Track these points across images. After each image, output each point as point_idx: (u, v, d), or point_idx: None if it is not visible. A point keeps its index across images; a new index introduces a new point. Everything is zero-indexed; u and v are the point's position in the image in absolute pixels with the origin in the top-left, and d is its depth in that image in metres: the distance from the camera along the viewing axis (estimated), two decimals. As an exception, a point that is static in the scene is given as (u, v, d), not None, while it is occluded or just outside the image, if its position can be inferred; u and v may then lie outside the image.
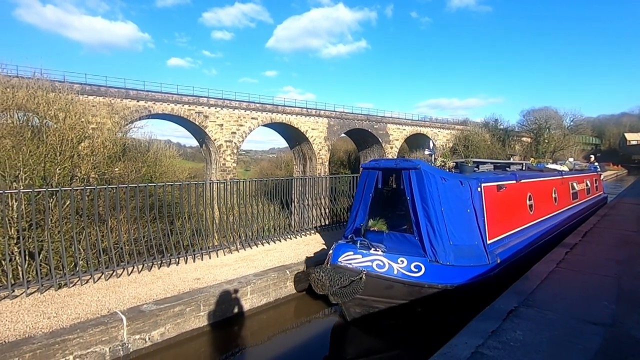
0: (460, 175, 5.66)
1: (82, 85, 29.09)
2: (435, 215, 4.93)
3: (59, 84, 18.16)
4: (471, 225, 5.33)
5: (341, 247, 4.79)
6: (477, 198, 5.46)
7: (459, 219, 5.21)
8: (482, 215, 5.48)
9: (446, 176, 5.30)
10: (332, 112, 46.62)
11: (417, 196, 4.99)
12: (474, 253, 5.23)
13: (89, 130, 15.88)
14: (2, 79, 14.17)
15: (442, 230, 4.94)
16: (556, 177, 9.19)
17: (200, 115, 37.27)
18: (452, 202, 5.16)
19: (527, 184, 7.26)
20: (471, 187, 5.42)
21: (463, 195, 5.35)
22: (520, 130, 59.29)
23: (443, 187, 5.10)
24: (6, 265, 5.29)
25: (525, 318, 3.43)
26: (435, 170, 5.22)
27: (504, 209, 6.25)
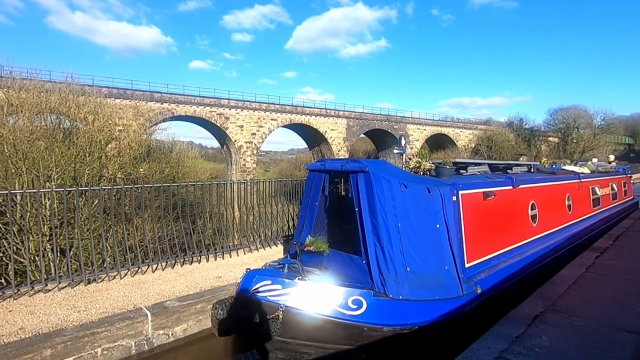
0: (430, 181, 4.39)
1: (110, 89, 30.31)
2: (386, 232, 3.82)
3: (89, 88, 18.95)
4: (440, 245, 4.12)
5: (256, 274, 3.78)
6: (451, 209, 4.22)
7: (423, 238, 4.05)
8: (457, 231, 4.27)
9: (408, 182, 4.09)
10: (351, 112, 46.52)
11: (365, 207, 3.93)
12: (442, 282, 4.03)
13: (116, 132, 16.49)
14: (37, 84, 14.89)
15: (394, 252, 3.83)
16: (571, 180, 7.66)
17: (221, 117, 38.00)
18: (413, 216, 4.01)
19: (529, 190, 5.93)
20: (443, 195, 4.17)
21: (431, 206, 4.13)
22: (547, 130, 57.25)
23: (402, 196, 3.95)
24: (40, 261, 5.57)
25: (552, 324, 3.31)
26: (392, 174, 4.07)
27: (493, 222, 4.99)
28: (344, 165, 4.24)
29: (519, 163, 7.44)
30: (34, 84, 14.79)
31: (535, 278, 5.21)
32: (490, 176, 5.61)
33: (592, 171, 9.73)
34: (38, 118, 13.37)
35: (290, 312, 3.55)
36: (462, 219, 4.36)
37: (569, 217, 7.17)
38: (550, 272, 5.15)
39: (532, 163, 7.77)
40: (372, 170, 3.95)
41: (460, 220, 4.36)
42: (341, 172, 4.37)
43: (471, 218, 4.51)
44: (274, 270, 3.97)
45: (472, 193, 4.65)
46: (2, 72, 17.54)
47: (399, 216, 3.91)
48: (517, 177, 5.79)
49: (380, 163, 4.29)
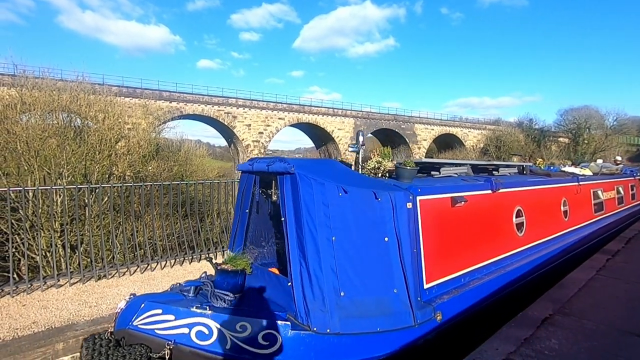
0: (381, 184, 3.64)
1: (120, 88, 30.68)
2: (313, 247, 3.07)
3: (99, 87, 19.20)
4: (388, 263, 3.35)
5: (143, 300, 3.14)
6: (405, 218, 3.45)
7: (366, 254, 3.28)
8: (412, 244, 3.48)
9: (350, 185, 3.30)
10: (358, 112, 46.44)
11: (290, 217, 3.18)
12: (388, 309, 3.27)
13: (125, 131, 16.70)
14: (49, 83, 15.14)
15: (323, 273, 3.06)
16: (568, 183, 6.83)
17: (229, 116, 38.21)
18: (354, 227, 3.26)
19: (514, 195, 5.14)
20: (394, 201, 3.40)
21: (378, 214, 3.36)
22: (557, 131, 56.48)
23: (339, 203, 3.19)
24: (51, 257, 5.67)
25: (561, 327, 3.28)
26: (328, 176, 3.30)
27: (464, 232, 4.18)
28: (270, 165, 3.44)
29: (508, 164, 6.65)
30: (46, 82, 15.03)
31: (521, 296, 4.57)
32: (467, 178, 4.77)
33: (595, 173, 8.86)
34: (50, 116, 13.59)
35: (181, 350, 2.90)
36: (420, 230, 3.58)
37: (565, 224, 6.34)
38: (540, 288, 4.53)
39: (524, 164, 6.99)
40: (299, 170, 3.17)
41: (418, 232, 3.56)
42: (269, 173, 3.58)
43: (433, 228, 3.74)
44: (174, 294, 3.31)
45: (436, 199, 3.87)
46: (16, 71, 17.87)
47: (334, 227, 3.13)
48: (498, 179, 4.96)
49: (314, 162, 3.61)
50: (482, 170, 5.91)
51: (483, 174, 5.58)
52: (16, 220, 8.30)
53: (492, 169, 5.96)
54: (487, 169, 5.98)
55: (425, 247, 3.62)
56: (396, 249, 3.38)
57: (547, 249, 5.51)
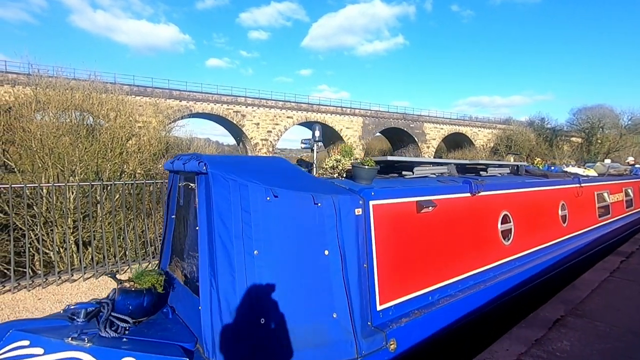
0: (325, 186, 3.04)
1: (131, 87, 31.10)
2: (226, 263, 2.51)
3: (111, 86, 19.51)
4: (326, 282, 2.77)
5: (9, 328, 2.55)
6: (352, 227, 2.91)
7: (298, 271, 2.70)
8: (361, 258, 2.93)
9: (282, 188, 2.71)
10: (367, 110, 46.30)
11: (203, 226, 2.65)
12: (324, 338, 2.70)
13: (136, 129, 16.93)
14: (62, 82, 15.41)
15: (237, 294, 2.48)
16: (568, 185, 6.20)
17: (237, 115, 38.44)
18: (284, 238, 2.69)
19: (500, 198, 4.58)
20: (339, 207, 2.85)
21: (317, 223, 2.80)
22: (569, 130, 55.55)
23: (266, 210, 2.63)
24: (65, 252, 5.79)
25: (573, 328, 3.24)
26: (253, 176, 2.70)
27: (433, 242, 3.60)
28: (186, 164, 2.90)
29: (501, 163, 6.06)
30: (59, 81, 15.32)
31: (506, 314, 4.10)
32: (444, 179, 4.24)
33: (601, 174, 8.15)
34: (63, 115, 13.86)
35: None
36: (372, 241, 3.05)
37: (563, 230, 5.75)
38: (532, 303, 4.13)
39: (519, 163, 6.41)
40: (214, 169, 2.59)
41: (370, 243, 3.04)
42: (189, 173, 3.01)
43: (391, 238, 3.21)
44: (57, 320, 2.74)
45: (395, 203, 3.31)
46: (31, 70, 18.24)
47: (257, 239, 2.56)
48: (479, 181, 4.32)
49: (239, 160, 3.09)
50: (469, 171, 5.35)
51: (471, 175, 5.02)
52: (31, 216, 8.49)
53: (481, 169, 5.33)
54: (476, 169, 5.39)
55: (379, 261, 3.05)
56: (338, 264, 2.79)
57: (540, 259, 4.93)
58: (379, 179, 3.78)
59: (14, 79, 24.31)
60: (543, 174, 6.18)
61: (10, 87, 22.42)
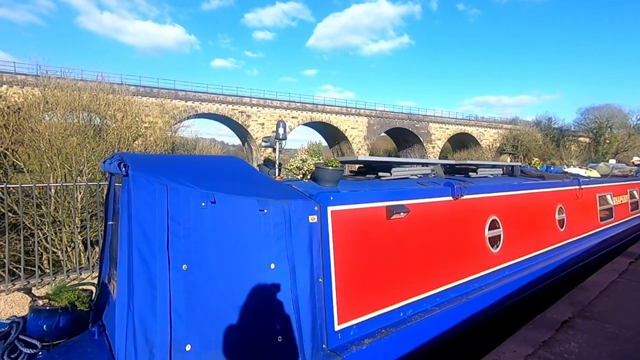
0: (275, 189, 2.73)
1: (137, 87, 31.36)
2: (146, 282, 2.14)
3: (117, 86, 19.68)
4: (271, 301, 2.45)
5: None
6: (303, 237, 2.59)
7: (235, 289, 2.35)
8: (314, 272, 2.61)
9: (221, 192, 2.37)
10: (372, 110, 46.22)
11: (123, 236, 2.23)
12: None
13: (142, 129, 17.08)
14: (70, 83, 15.59)
15: (157, 318, 2.12)
16: (566, 187, 5.80)
17: (243, 115, 38.60)
18: (223, 250, 2.33)
19: (487, 202, 4.24)
20: (288, 214, 2.54)
21: (261, 232, 2.46)
22: (577, 130, 54.97)
23: (199, 218, 2.29)
24: (73, 251, 5.86)
25: (582, 330, 3.20)
26: (188, 177, 2.36)
27: (406, 252, 3.27)
28: (112, 163, 2.54)
29: (494, 163, 5.70)
30: (67, 82, 15.51)
31: (494, 328, 3.80)
32: (425, 181, 3.91)
33: (604, 175, 7.71)
34: (71, 115, 14.02)
35: None
36: (330, 252, 2.72)
37: (560, 236, 5.39)
38: (524, 316, 3.78)
39: (513, 164, 6.06)
40: (136, 171, 2.21)
41: (327, 254, 2.70)
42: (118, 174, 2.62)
43: (354, 248, 2.89)
44: None
45: (360, 209, 2.97)
46: (39, 71, 18.48)
47: (188, 252, 2.23)
48: (463, 183, 4.00)
49: (168, 159, 2.75)
50: (459, 172, 5.07)
51: (460, 176, 4.76)
52: (39, 215, 8.59)
53: (470, 170, 4.99)
54: (466, 170, 5.07)
55: (338, 275, 2.72)
56: (286, 279, 2.46)
57: (534, 267, 4.59)
58: (351, 181, 3.52)
59: (23, 80, 24.64)
60: (540, 175, 5.86)
61: (19, 88, 22.74)
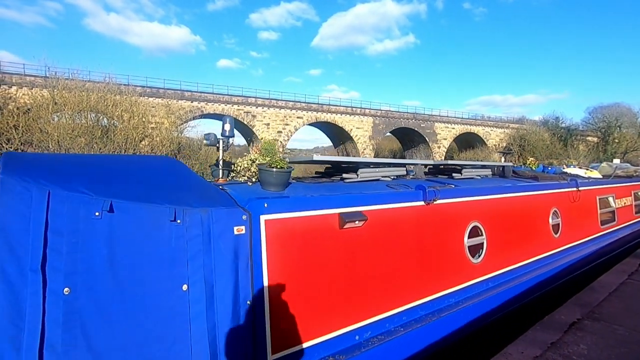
0: (197, 194, 2.32)
1: (144, 88, 31.60)
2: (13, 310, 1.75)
3: (124, 87, 19.86)
4: (182, 329, 2.06)
5: None
6: (227, 252, 2.22)
7: (133, 316, 1.97)
8: (240, 293, 2.25)
9: (119, 199, 2.01)
10: (377, 110, 46.11)
11: None
12: None
13: (149, 130, 17.22)
14: (78, 84, 15.77)
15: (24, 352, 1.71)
16: (562, 189, 5.40)
17: (248, 115, 38.72)
18: (120, 270, 1.96)
19: (468, 206, 3.83)
20: (208, 225, 2.19)
21: (172, 247, 2.09)
22: (585, 129, 54.34)
23: (88, 230, 1.91)
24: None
25: (590, 331, 3.16)
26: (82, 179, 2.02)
27: (363, 265, 2.88)
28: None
29: (483, 164, 5.40)
30: (75, 83, 15.70)
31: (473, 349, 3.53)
32: (396, 184, 3.54)
33: (606, 175, 7.33)
34: (79, 116, 14.19)
35: None
36: (263, 268, 2.35)
37: (554, 242, 5.00)
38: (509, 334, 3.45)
39: (504, 164, 5.68)
40: (6, 174, 1.88)
41: (259, 271, 2.34)
42: None
43: (295, 263, 2.51)
44: None
45: (304, 217, 2.59)
46: (48, 73, 18.71)
47: (70, 272, 1.84)
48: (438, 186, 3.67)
49: (55, 159, 2.37)
50: (442, 172, 4.80)
51: (443, 177, 4.52)
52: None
53: (454, 171, 4.64)
54: (448, 170, 4.72)
55: (273, 295, 2.35)
56: (202, 302, 2.09)
57: (522, 278, 4.20)
58: (307, 184, 3.17)
59: (32, 81, 24.93)
60: (533, 176, 5.49)
61: (28, 90, 23.02)
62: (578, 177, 6.25)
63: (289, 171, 2.80)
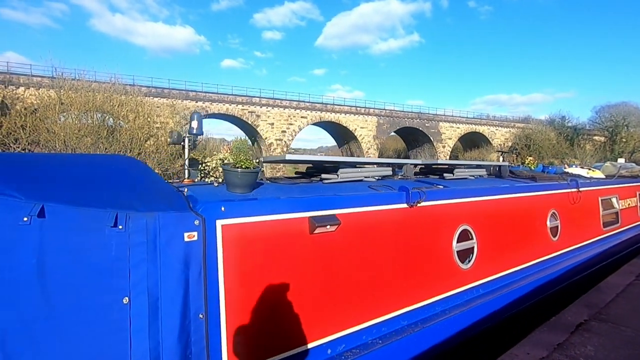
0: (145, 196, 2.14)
1: (149, 88, 31.81)
2: None
3: (130, 88, 20.00)
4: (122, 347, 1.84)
5: None
6: (178, 261, 2.05)
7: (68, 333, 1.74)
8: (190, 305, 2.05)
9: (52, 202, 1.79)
10: (381, 110, 46.01)
11: None
12: None
13: (154, 130, 17.33)
14: (84, 84, 15.90)
15: None
16: (562, 189, 5.19)
17: (252, 115, 38.81)
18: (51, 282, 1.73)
19: (456, 208, 3.60)
20: (154, 231, 1.98)
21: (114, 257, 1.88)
22: (592, 129, 53.82)
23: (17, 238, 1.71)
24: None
25: (597, 333, 3.14)
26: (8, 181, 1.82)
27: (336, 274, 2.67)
28: None
29: (475, 164, 5.20)
30: (81, 84, 15.84)
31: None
32: (378, 185, 3.33)
33: (609, 175, 7.06)
34: (85, 116, 14.32)
35: None
36: (219, 278, 2.15)
37: (553, 246, 4.78)
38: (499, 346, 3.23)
39: (501, 164, 5.44)
40: None
41: (215, 281, 2.13)
42: None
43: (256, 272, 2.29)
44: None
45: (268, 222, 2.37)
46: (54, 73, 18.89)
47: None
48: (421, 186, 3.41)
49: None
50: (434, 172, 4.59)
51: (434, 177, 4.33)
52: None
53: (445, 171, 4.41)
54: (440, 170, 4.50)
55: (230, 308, 2.15)
56: (144, 317, 1.90)
57: (517, 284, 3.95)
58: (280, 185, 2.98)
59: (39, 82, 25.19)
60: (531, 177, 5.27)
61: (35, 90, 23.26)
62: (580, 178, 6.05)
63: (255, 171, 2.55)
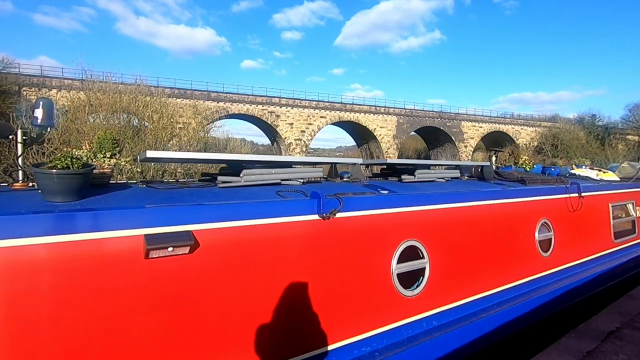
0: None
1: (172, 89, 32.67)
2: None
3: (154, 89, 20.58)
4: None
5: None
6: None
7: None
8: None
9: None
10: (401, 109, 45.51)
11: None
12: None
13: (177, 130, 17.78)
14: (111, 86, 16.49)
15: None
16: (557, 195, 4.37)
17: (272, 115, 39.19)
18: None
19: (399, 219, 2.86)
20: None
21: None
22: (624, 127, 51.28)
23: None
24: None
25: (630, 341, 2.98)
26: None
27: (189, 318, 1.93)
28: None
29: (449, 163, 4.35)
30: (109, 86, 16.43)
31: None
32: (284, 191, 2.65)
33: (625, 178, 6.27)
34: (112, 117, 14.84)
35: None
36: None
37: (543, 263, 3.94)
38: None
39: (483, 164, 4.75)
40: None
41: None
42: None
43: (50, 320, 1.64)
44: None
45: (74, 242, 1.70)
46: (84, 76, 19.70)
47: None
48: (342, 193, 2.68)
49: None
50: (400, 173, 3.77)
51: (393, 179, 3.72)
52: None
53: (405, 172, 3.71)
54: (401, 171, 3.80)
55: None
56: None
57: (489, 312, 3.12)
58: (148, 189, 2.39)
59: (70, 84, 26.33)
60: (519, 179, 4.49)
61: (66, 92, 24.34)
62: (586, 180, 5.34)
63: (82, 173, 1.90)
